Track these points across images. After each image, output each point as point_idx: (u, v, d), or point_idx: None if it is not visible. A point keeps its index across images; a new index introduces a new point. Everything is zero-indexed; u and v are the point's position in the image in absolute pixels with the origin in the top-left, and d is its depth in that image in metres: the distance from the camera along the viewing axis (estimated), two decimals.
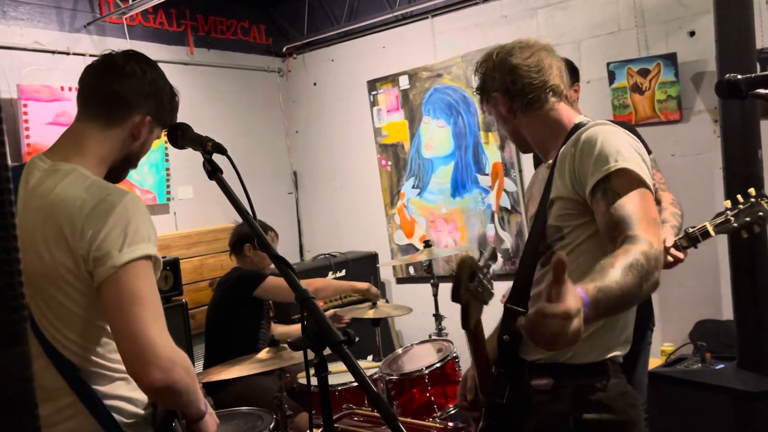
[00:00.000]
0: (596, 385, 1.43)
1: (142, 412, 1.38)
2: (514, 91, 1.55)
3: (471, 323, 1.29)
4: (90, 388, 1.30)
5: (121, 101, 1.38)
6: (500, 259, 4.26)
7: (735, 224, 1.97)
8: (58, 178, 1.29)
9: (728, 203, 2.01)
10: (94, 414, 1.30)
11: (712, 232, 2.01)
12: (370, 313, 3.21)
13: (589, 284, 1.14)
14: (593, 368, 1.43)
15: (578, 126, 1.51)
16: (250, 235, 3.29)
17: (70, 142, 1.38)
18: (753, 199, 1.97)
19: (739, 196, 1.98)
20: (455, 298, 1.22)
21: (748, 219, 1.95)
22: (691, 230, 2.07)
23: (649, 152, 2.04)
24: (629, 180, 1.34)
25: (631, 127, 2.14)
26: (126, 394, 1.36)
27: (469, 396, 1.58)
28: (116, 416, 1.33)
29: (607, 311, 1.20)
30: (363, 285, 3.40)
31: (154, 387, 1.22)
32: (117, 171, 1.45)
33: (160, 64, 1.51)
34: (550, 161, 1.53)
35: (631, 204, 1.32)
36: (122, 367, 1.31)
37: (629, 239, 1.28)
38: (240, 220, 3.55)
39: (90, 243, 1.23)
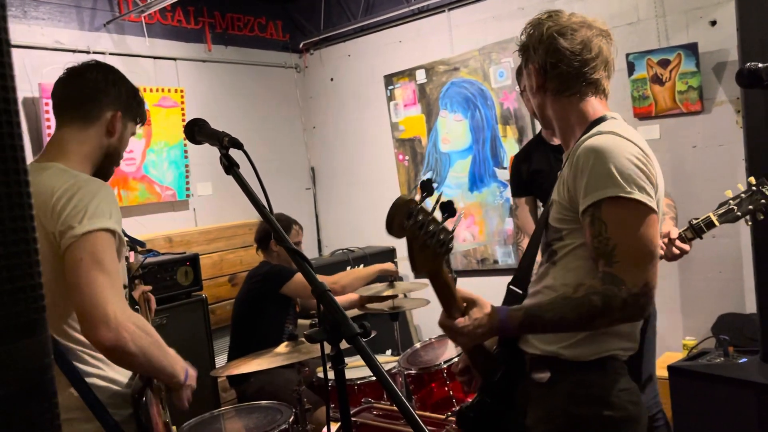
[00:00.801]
0: (594, 381, 1.41)
1: (121, 390, 1.46)
2: (551, 72, 1.48)
3: (418, 268, 1.31)
4: (72, 363, 1.39)
5: (91, 102, 1.55)
6: (460, 216, 4.24)
7: (738, 213, 2.01)
8: (37, 174, 1.44)
9: (730, 193, 2.05)
10: (77, 389, 1.39)
11: (716, 222, 2.04)
12: (388, 307, 3.22)
13: (518, 311, 1.37)
14: (592, 365, 1.41)
15: (596, 122, 1.47)
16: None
17: (54, 147, 1.54)
18: (754, 188, 2.01)
19: (740, 185, 2.03)
20: (388, 229, 1.31)
21: (751, 207, 2.00)
22: (695, 221, 2.08)
23: None
24: (621, 208, 1.31)
25: None
26: (107, 374, 1.45)
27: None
28: (97, 394, 1.40)
29: (534, 332, 1.43)
30: (387, 265, 3.48)
31: (104, 345, 1.31)
32: (102, 170, 1.60)
33: (178, 62, 1.60)
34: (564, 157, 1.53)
35: (616, 237, 1.30)
36: None
37: (604, 277, 1.31)
38: (243, 219, 3.52)
39: (57, 219, 1.38)
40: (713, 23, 3.36)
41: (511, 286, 1.59)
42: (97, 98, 1.56)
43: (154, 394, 1.51)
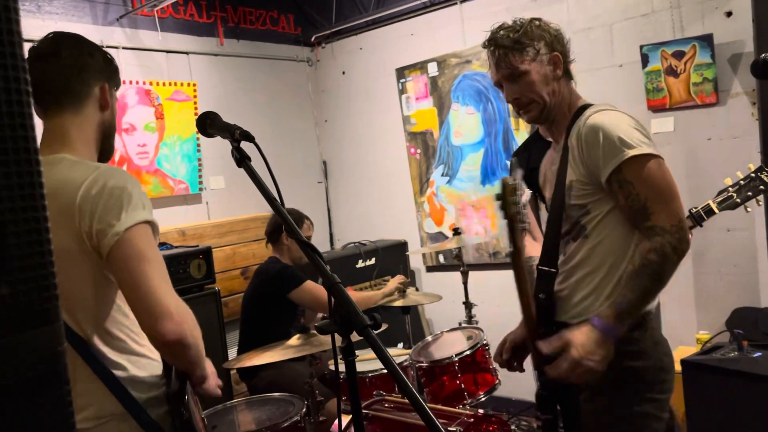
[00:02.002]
0: (635, 336, 1.58)
1: (154, 393, 1.43)
2: (564, 54, 1.68)
3: (518, 243, 1.52)
4: (105, 366, 1.36)
5: (78, 81, 1.46)
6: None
7: (738, 199, 2.05)
8: (49, 169, 1.36)
9: (729, 180, 2.10)
10: (113, 390, 1.36)
11: (716, 210, 2.09)
12: (400, 302, 3.22)
13: (605, 313, 1.50)
14: (634, 323, 1.57)
15: (583, 108, 1.65)
16: None
17: (53, 138, 1.45)
18: (753, 174, 2.06)
19: (738, 173, 2.08)
20: (503, 211, 1.51)
21: (750, 193, 2.04)
22: (694, 210, 2.10)
23: None
24: (639, 165, 1.51)
25: None
26: (138, 374, 1.41)
27: (505, 355, 1.83)
28: (133, 394, 1.38)
29: (633, 315, 1.51)
30: (392, 286, 3.39)
31: (167, 339, 1.28)
32: (105, 148, 1.54)
33: (191, 56, 1.57)
34: (560, 145, 1.69)
35: (644, 189, 1.50)
36: (131, 347, 1.39)
37: (646, 232, 1.51)
38: (255, 212, 3.51)
39: (90, 219, 1.31)
40: (729, 14, 3.32)
41: (540, 267, 1.71)
42: (82, 75, 1.47)
43: (190, 391, 1.51)
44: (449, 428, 2.18)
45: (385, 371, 2.97)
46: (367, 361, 2.98)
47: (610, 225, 1.59)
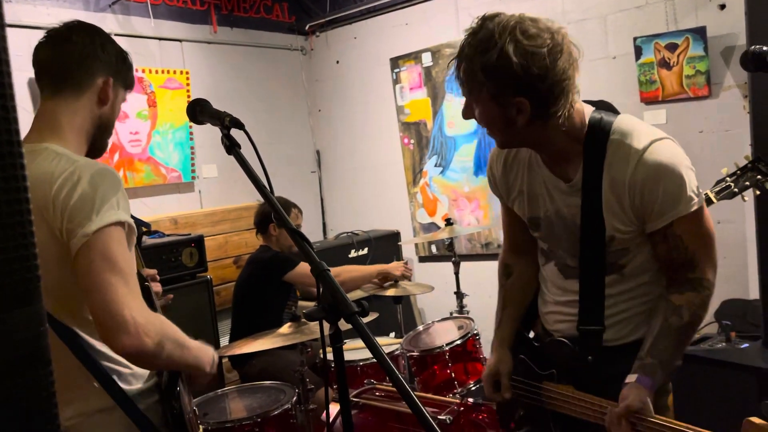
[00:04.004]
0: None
1: (143, 385, 1.42)
2: (540, 96, 1.32)
3: None
4: (93, 357, 1.34)
5: (80, 68, 1.43)
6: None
7: (735, 189, 2.10)
8: (31, 158, 1.32)
9: (725, 170, 2.14)
10: (100, 380, 1.34)
11: (714, 199, 2.14)
12: (392, 292, 3.23)
13: (652, 371, 1.38)
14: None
15: (596, 126, 1.40)
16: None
17: (44, 122, 1.42)
18: (749, 164, 2.11)
19: (736, 163, 2.12)
20: None
21: (747, 183, 2.09)
22: None
23: None
24: (691, 220, 1.36)
25: (609, 105, 2.06)
26: (127, 366, 1.39)
27: (507, 394, 1.64)
28: (124, 386, 1.36)
29: (674, 366, 1.43)
30: (390, 267, 3.36)
31: (126, 352, 1.25)
32: (97, 143, 1.50)
33: (184, 43, 1.55)
34: (575, 179, 1.44)
35: (693, 244, 1.38)
36: None
37: (692, 283, 1.41)
38: (247, 201, 3.47)
39: (62, 215, 1.27)
40: (722, 7, 3.32)
41: (583, 328, 1.52)
42: (87, 64, 1.43)
43: (183, 383, 1.50)
44: (439, 416, 2.19)
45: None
46: (359, 350, 3.00)
47: (646, 268, 1.48)
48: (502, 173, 1.61)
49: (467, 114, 1.43)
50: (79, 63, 1.43)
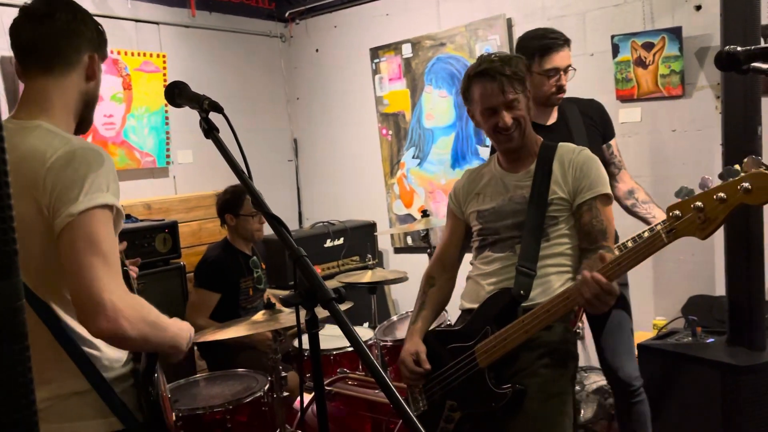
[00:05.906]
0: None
1: (121, 370, 1.41)
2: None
3: None
4: (70, 337, 1.33)
5: (68, 45, 1.41)
6: None
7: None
8: (23, 135, 1.33)
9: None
10: (76, 360, 1.33)
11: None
12: (368, 278, 3.24)
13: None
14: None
15: (545, 144, 1.97)
16: (228, 205, 3.30)
17: (33, 101, 1.41)
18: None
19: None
20: None
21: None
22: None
23: (611, 137, 2.67)
24: (606, 201, 1.88)
25: (598, 105, 2.76)
26: (106, 351, 1.38)
27: (427, 366, 1.93)
28: (101, 371, 1.35)
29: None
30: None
31: (102, 335, 1.25)
32: (84, 119, 1.49)
33: (161, 26, 1.53)
34: (530, 168, 1.92)
35: (606, 220, 1.86)
36: None
37: (605, 249, 1.79)
38: (222, 188, 3.41)
39: (51, 193, 1.27)
40: (698, 8, 3.38)
41: (521, 267, 1.87)
42: (75, 42, 1.42)
43: (159, 368, 1.49)
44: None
45: (350, 349, 3.00)
46: (331, 339, 3.00)
47: (567, 237, 1.89)
48: (467, 181, 2.07)
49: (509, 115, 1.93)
50: (67, 40, 1.41)
